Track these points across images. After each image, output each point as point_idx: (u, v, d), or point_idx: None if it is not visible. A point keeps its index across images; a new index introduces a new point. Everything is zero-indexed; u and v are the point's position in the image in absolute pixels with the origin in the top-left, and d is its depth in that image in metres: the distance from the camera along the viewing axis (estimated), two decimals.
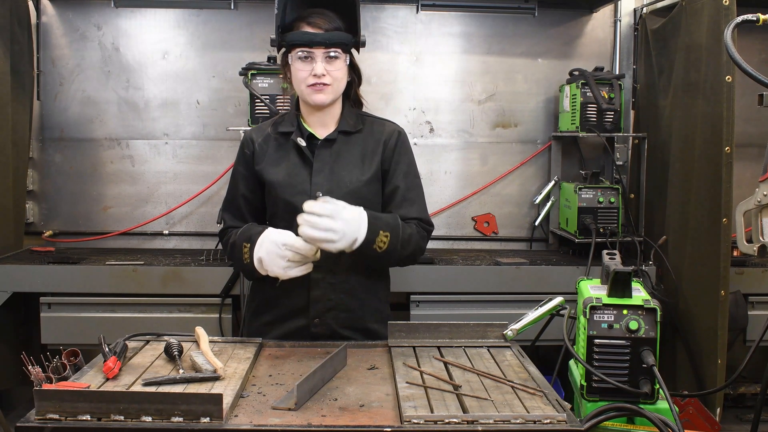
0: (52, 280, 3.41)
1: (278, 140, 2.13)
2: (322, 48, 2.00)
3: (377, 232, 1.92)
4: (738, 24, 1.71)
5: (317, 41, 1.99)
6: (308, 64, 2.01)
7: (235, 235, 2.08)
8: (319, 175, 2.06)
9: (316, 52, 2.00)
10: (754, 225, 1.73)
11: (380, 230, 1.93)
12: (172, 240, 4.07)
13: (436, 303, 3.51)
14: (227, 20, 3.99)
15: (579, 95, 3.66)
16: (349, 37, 2.03)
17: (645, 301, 1.64)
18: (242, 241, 2.02)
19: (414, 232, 2.06)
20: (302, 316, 2.09)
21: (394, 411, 1.51)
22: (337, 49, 2.01)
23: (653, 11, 3.86)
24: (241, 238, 2.03)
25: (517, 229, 4.16)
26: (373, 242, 1.92)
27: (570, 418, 1.46)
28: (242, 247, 2.01)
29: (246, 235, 2.02)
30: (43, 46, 3.96)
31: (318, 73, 2.00)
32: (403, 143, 2.15)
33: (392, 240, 1.96)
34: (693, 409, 2.87)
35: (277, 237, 1.90)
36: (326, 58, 2.01)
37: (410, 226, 2.06)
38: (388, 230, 1.96)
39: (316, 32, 2.00)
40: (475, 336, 1.98)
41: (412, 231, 2.05)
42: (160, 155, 4.03)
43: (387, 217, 2.01)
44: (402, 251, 2.01)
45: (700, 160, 3.28)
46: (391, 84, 4.06)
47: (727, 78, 3.08)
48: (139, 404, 1.40)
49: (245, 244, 2.00)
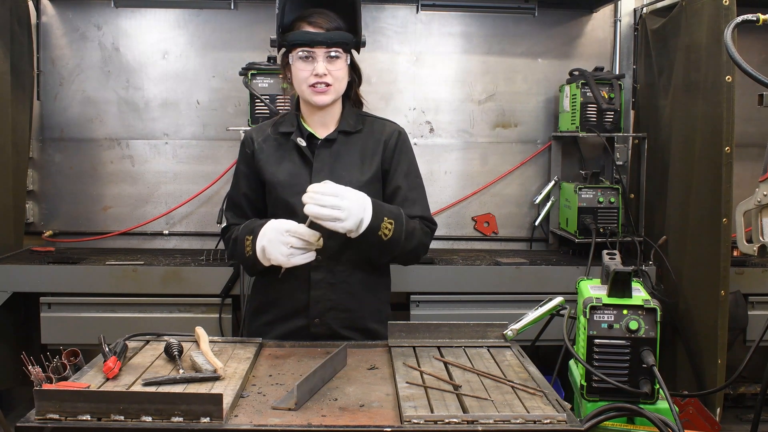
0: (52, 280, 3.41)
1: (278, 140, 2.13)
2: (324, 47, 2.00)
3: (381, 218, 1.92)
4: (738, 24, 1.71)
5: (318, 41, 1.99)
6: (309, 63, 2.01)
7: (237, 231, 2.09)
8: (320, 175, 2.06)
9: (317, 51, 2.00)
10: (754, 225, 1.73)
11: (384, 216, 1.93)
12: (172, 240, 4.07)
13: (436, 303, 3.51)
14: (227, 20, 3.99)
15: (579, 95, 3.66)
16: (350, 36, 2.03)
17: (645, 301, 1.64)
18: (244, 234, 2.03)
19: (418, 227, 2.06)
20: (302, 316, 2.09)
21: (394, 411, 1.51)
22: (338, 49, 2.01)
23: (653, 11, 3.86)
24: (243, 232, 2.05)
25: (517, 229, 4.16)
26: (378, 228, 1.91)
27: (570, 418, 1.46)
28: (244, 240, 2.02)
29: (248, 228, 2.04)
30: (43, 46, 3.96)
31: (319, 73, 2.00)
32: (403, 143, 2.15)
33: (396, 228, 1.96)
34: (693, 409, 2.87)
35: (279, 224, 1.92)
36: (327, 58, 2.01)
37: (414, 221, 2.07)
38: (392, 218, 1.96)
39: (318, 32, 2.00)
40: (475, 336, 1.98)
41: (415, 225, 2.06)
42: (160, 155, 4.03)
43: (390, 207, 2.01)
44: (406, 243, 2.00)
45: (700, 160, 3.28)
46: (391, 84, 4.06)
47: (727, 78, 3.08)
48: (139, 404, 1.40)
49: (247, 236, 2.01)
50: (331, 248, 2.03)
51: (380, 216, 1.92)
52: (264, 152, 2.12)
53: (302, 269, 2.03)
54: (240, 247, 2.04)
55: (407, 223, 2.01)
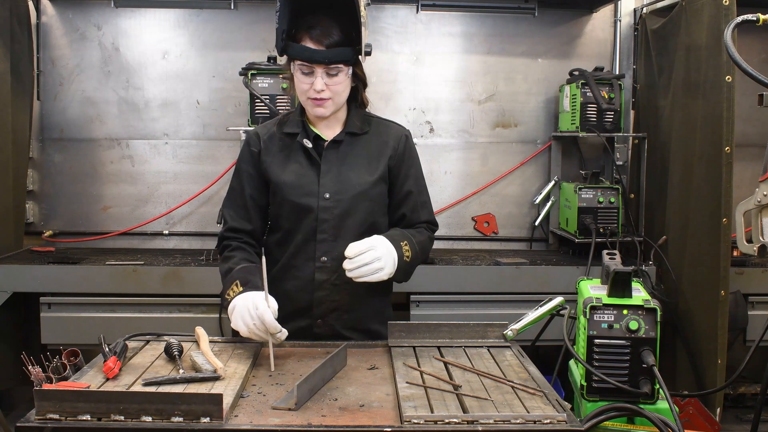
0: (52, 280, 3.41)
1: (283, 140, 2.11)
2: (323, 65, 1.98)
3: (399, 245, 1.99)
4: (738, 24, 1.71)
5: (317, 59, 1.96)
6: (309, 77, 1.99)
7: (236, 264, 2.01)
8: (327, 177, 2.06)
9: (316, 67, 1.98)
10: (754, 225, 1.73)
11: (399, 242, 2.00)
12: (172, 240, 4.07)
13: (436, 303, 3.51)
14: (227, 20, 3.99)
15: (579, 95, 3.66)
16: (349, 52, 1.98)
17: (645, 301, 1.64)
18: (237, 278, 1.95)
19: (425, 238, 2.14)
20: (306, 316, 2.09)
21: (394, 411, 1.51)
22: (338, 65, 1.99)
23: (653, 11, 3.86)
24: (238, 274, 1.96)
25: (517, 229, 4.16)
26: (402, 255, 2.00)
27: (570, 418, 1.46)
28: (232, 284, 1.94)
29: (248, 277, 1.95)
30: (43, 46, 3.96)
31: (317, 89, 1.98)
32: (411, 148, 2.18)
33: (412, 247, 2.05)
34: (693, 409, 2.86)
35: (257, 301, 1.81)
36: (327, 74, 1.99)
37: (419, 232, 2.14)
38: (404, 239, 2.03)
39: (317, 49, 1.96)
40: (475, 336, 1.98)
41: (422, 237, 2.13)
42: (160, 155, 4.03)
43: (393, 233, 2.06)
44: (421, 255, 2.11)
45: (700, 160, 3.28)
46: (391, 84, 4.06)
47: (727, 78, 3.08)
48: (139, 404, 1.40)
49: (238, 282, 1.93)
50: (336, 250, 2.03)
51: (397, 243, 1.99)
52: (270, 152, 2.10)
53: (306, 270, 2.05)
54: (227, 283, 1.97)
55: (415, 238, 2.09)
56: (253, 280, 1.93)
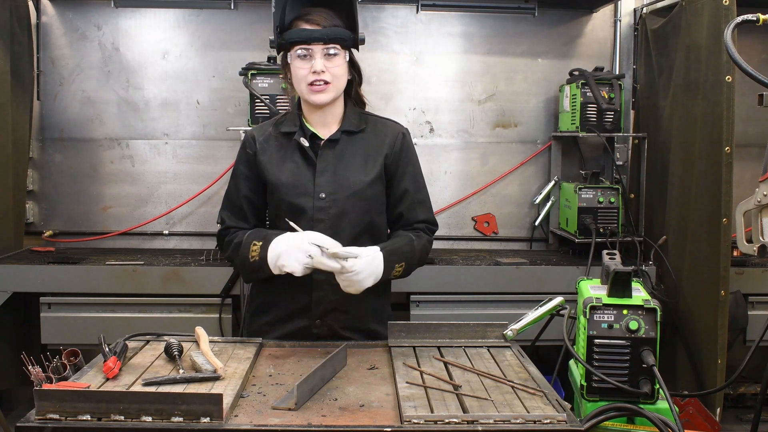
0: (52, 280, 3.41)
1: (280, 140, 2.11)
2: (321, 44, 1.99)
3: (393, 266, 2.01)
4: (738, 24, 1.71)
5: (315, 37, 1.98)
6: (307, 61, 2.00)
7: (242, 235, 2.06)
8: (323, 176, 2.05)
9: (314, 48, 1.99)
10: (754, 225, 1.73)
11: (395, 264, 2.01)
12: (172, 240, 4.07)
13: (436, 303, 3.51)
14: (227, 20, 3.99)
15: (579, 95, 3.66)
16: (347, 33, 2.02)
17: (645, 301, 1.64)
18: (252, 239, 2.01)
19: (424, 245, 2.14)
20: (304, 317, 2.09)
21: (394, 411, 1.51)
22: (336, 45, 2.00)
23: (653, 11, 3.86)
24: (251, 237, 2.03)
25: (517, 229, 4.16)
26: (390, 275, 2.01)
27: (570, 418, 1.46)
28: (250, 245, 2.00)
29: (260, 234, 2.02)
30: (43, 46, 3.96)
31: (317, 70, 1.99)
32: (408, 146, 2.16)
33: (406, 267, 2.07)
34: (693, 409, 2.87)
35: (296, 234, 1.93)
36: (325, 56, 2.00)
37: (420, 238, 2.12)
38: (403, 260, 2.04)
39: (314, 29, 1.99)
40: (475, 336, 1.98)
41: (422, 245, 2.12)
42: (160, 155, 4.03)
43: (402, 246, 2.06)
44: (416, 266, 2.13)
45: (700, 160, 3.28)
46: (391, 84, 4.06)
47: (727, 78, 3.08)
48: (139, 404, 1.40)
49: (255, 242, 2.00)
50: None
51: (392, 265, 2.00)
52: (266, 153, 2.10)
53: None
54: (244, 251, 2.01)
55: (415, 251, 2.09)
56: (270, 233, 2.00)
